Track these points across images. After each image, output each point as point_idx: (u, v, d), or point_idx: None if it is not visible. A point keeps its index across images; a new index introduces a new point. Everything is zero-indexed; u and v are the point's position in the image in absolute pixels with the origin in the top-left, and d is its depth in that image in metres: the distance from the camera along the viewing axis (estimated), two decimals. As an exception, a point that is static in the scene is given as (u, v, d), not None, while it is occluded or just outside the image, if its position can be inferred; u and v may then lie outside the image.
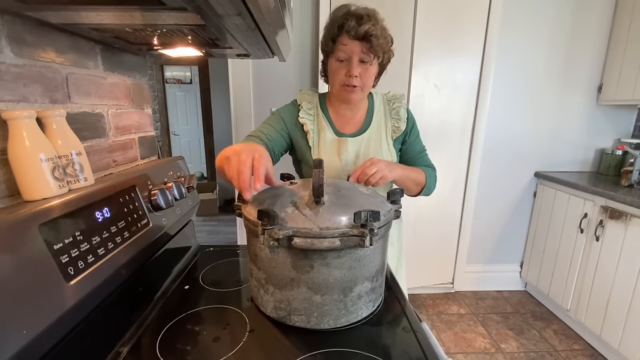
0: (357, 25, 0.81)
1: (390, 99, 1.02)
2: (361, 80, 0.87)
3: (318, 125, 0.98)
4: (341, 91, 0.91)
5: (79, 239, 0.52)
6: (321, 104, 1.00)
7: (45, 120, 0.55)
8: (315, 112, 1.00)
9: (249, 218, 0.62)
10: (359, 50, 0.84)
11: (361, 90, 0.90)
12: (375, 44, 0.82)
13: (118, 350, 0.57)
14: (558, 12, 1.95)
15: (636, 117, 2.12)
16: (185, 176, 0.92)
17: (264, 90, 1.92)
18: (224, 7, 0.43)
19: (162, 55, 0.86)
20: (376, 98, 1.02)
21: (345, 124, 0.99)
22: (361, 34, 0.81)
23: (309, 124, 0.97)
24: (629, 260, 1.56)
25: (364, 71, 0.87)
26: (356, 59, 0.85)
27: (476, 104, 2.04)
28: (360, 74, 0.87)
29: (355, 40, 0.83)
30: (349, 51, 0.85)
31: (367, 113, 1.00)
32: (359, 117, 1.00)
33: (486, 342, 1.84)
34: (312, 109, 1.00)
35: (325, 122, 0.98)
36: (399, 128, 0.98)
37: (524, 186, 2.22)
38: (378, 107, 1.01)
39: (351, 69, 0.86)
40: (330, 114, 1.00)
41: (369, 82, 0.90)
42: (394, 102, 1.01)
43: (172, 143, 4.72)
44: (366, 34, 0.81)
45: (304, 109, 0.98)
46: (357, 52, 0.84)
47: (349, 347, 0.58)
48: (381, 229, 0.60)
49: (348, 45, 0.84)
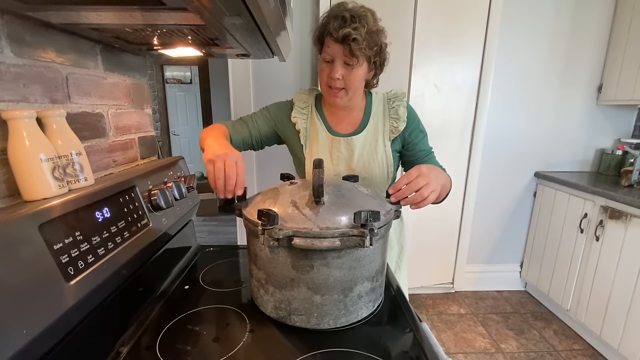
0: (338, 28, 0.79)
1: (391, 97, 0.98)
2: (344, 82, 0.85)
3: (311, 123, 0.99)
4: (326, 93, 0.91)
5: (79, 239, 0.52)
6: (316, 103, 1.01)
7: (45, 120, 0.55)
8: (310, 111, 1.00)
9: (249, 218, 0.62)
10: (340, 53, 0.82)
11: (345, 94, 0.87)
12: (355, 49, 0.79)
13: (118, 350, 0.57)
14: (558, 12, 1.95)
15: (636, 117, 2.12)
16: (185, 176, 0.92)
17: (264, 90, 1.92)
18: (224, 7, 0.43)
19: (162, 55, 0.86)
20: (375, 98, 0.99)
21: (339, 122, 0.98)
22: (340, 37, 0.79)
23: (300, 122, 0.98)
24: (629, 260, 1.56)
25: (347, 74, 0.84)
26: (338, 61, 0.83)
27: (476, 104, 2.04)
28: (343, 76, 0.84)
29: (337, 43, 0.81)
30: (332, 53, 0.83)
31: (364, 113, 0.98)
32: (354, 116, 0.98)
33: (486, 342, 1.84)
34: (306, 108, 1.00)
35: (318, 121, 0.98)
36: (397, 128, 0.94)
37: (524, 186, 2.22)
38: (377, 107, 0.98)
39: (332, 71, 0.84)
40: (325, 113, 1.00)
41: (354, 85, 0.86)
42: (393, 100, 0.97)
43: (172, 143, 4.72)
44: (345, 37, 0.78)
45: (297, 107, 0.99)
46: (340, 55, 0.82)
47: (349, 347, 0.58)
48: (381, 229, 0.60)
49: (331, 47, 0.83)
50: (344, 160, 0.95)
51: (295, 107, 1.00)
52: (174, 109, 4.84)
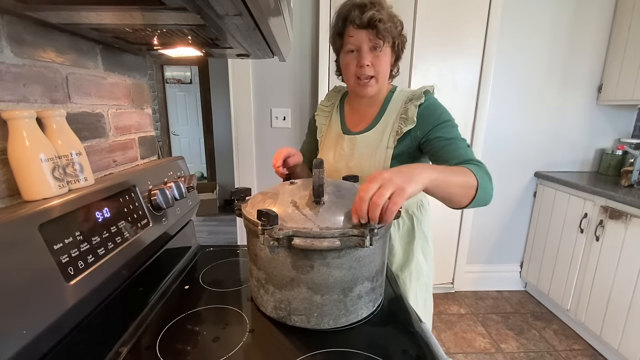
0: (360, 14, 0.79)
1: (410, 96, 0.90)
2: (374, 68, 0.84)
3: (329, 121, 1.02)
4: (355, 86, 0.89)
5: (79, 239, 0.52)
6: (341, 101, 1.03)
7: (45, 120, 0.55)
8: (332, 109, 1.04)
9: (249, 218, 0.62)
10: (366, 38, 0.81)
11: (376, 82, 0.86)
12: (382, 29, 0.79)
13: (118, 350, 0.57)
14: (558, 13, 1.95)
15: (636, 117, 2.12)
16: (185, 176, 0.92)
17: (264, 90, 1.92)
18: (224, 7, 0.43)
19: (162, 55, 0.86)
20: (396, 95, 0.93)
21: (358, 120, 0.97)
22: (365, 21, 0.79)
23: (319, 119, 1.04)
24: (629, 260, 1.56)
25: (375, 59, 0.84)
26: (365, 47, 0.82)
27: (476, 104, 2.04)
28: (372, 62, 0.83)
29: (361, 29, 0.81)
30: (357, 41, 0.83)
31: (379, 110, 0.93)
32: (370, 113, 0.95)
33: (486, 342, 1.84)
34: (330, 106, 1.04)
35: (336, 119, 1.01)
36: (402, 129, 0.88)
37: (524, 186, 2.22)
38: (394, 105, 0.91)
39: (361, 59, 0.83)
40: (345, 111, 1.01)
41: (384, 71, 0.86)
42: (410, 99, 0.89)
43: (172, 143, 4.72)
44: (371, 20, 0.79)
45: (320, 105, 1.06)
46: (366, 41, 0.82)
47: (349, 347, 0.58)
48: (381, 229, 0.59)
49: (355, 35, 0.82)
50: (345, 158, 0.95)
51: (320, 105, 1.06)
52: (174, 109, 4.84)
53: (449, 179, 0.65)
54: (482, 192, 0.68)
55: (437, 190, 0.63)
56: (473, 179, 0.67)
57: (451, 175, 0.65)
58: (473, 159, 0.75)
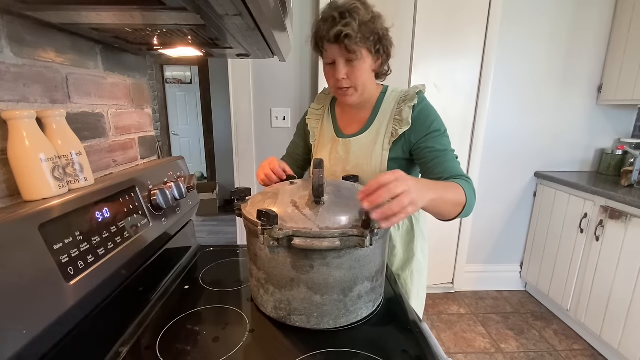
0: (328, 30, 0.77)
1: (404, 97, 0.89)
2: (350, 80, 0.83)
3: (321, 124, 1.00)
4: (337, 95, 0.90)
5: (79, 239, 0.52)
6: (332, 104, 1.02)
7: (45, 120, 0.55)
8: (323, 112, 1.02)
9: (249, 218, 0.62)
10: (339, 52, 0.80)
11: (355, 91, 0.85)
12: (350, 44, 0.76)
13: (118, 350, 0.57)
14: (558, 13, 1.95)
15: (636, 117, 2.12)
16: (185, 176, 0.92)
17: (264, 90, 1.92)
18: (224, 7, 0.43)
19: (162, 55, 0.86)
20: (389, 96, 0.92)
21: (350, 122, 0.96)
22: (333, 37, 0.77)
23: (311, 123, 1.02)
24: (629, 260, 1.56)
25: (351, 71, 0.82)
26: (340, 60, 0.81)
27: (476, 104, 2.04)
28: (348, 74, 0.82)
29: (332, 44, 0.79)
30: (331, 55, 0.82)
31: (372, 112, 0.92)
32: (362, 116, 0.94)
33: (486, 342, 1.84)
34: (321, 109, 1.03)
35: (328, 122, 0.99)
36: (397, 131, 0.86)
37: (524, 186, 2.22)
38: (386, 107, 0.90)
39: (336, 72, 0.82)
40: (337, 113, 1.00)
41: (361, 80, 0.84)
42: (404, 100, 0.88)
43: (172, 143, 4.72)
44: (337, 36, 0.76)
45: (312, 109, 1.04)
46: (339, 55, 0.80)
47: (349, 347, 0.58)
48: (381, 229, 0.59)
49: (328, 50, 0.81)
50: (341, 161, 0.94)
51: (311, 108, 1.04)
52: (174, 109, 4.85)
53: (444, 198, 0.69)
54: (467, 209, 0.75)
55: (429, 208, 0.69)
56: (463, 198, 0.73)
57: (446, 195, 0.69)
58: (463, 175, 0.81)
